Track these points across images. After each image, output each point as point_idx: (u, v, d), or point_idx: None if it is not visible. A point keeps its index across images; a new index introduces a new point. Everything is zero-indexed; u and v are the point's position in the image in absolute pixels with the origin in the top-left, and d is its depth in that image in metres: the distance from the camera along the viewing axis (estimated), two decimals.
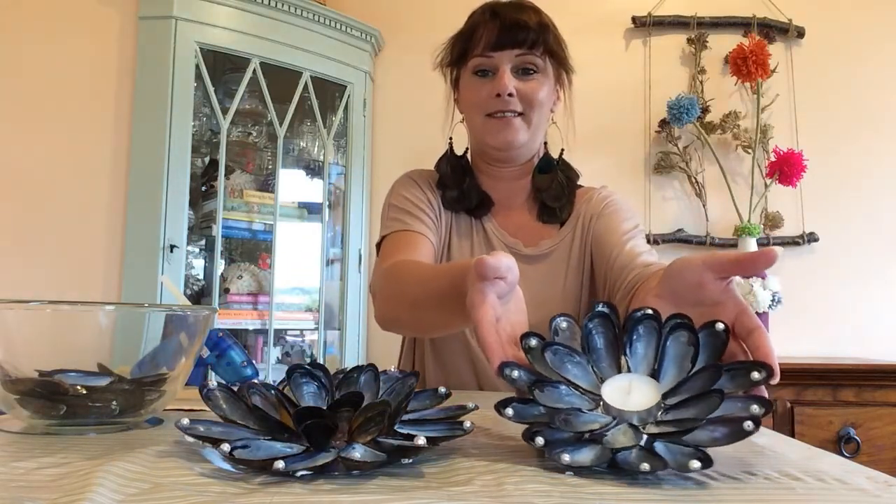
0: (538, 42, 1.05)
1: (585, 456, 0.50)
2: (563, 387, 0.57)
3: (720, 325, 0.57)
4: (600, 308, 0.60)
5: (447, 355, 1.11)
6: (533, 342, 0.59)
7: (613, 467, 0.50)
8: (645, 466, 0.47)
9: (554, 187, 1.12)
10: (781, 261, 2.36)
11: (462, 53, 1.09)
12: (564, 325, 0.62)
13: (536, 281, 1.09)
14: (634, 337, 0.59)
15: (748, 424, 0.48)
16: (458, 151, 1.17)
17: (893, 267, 2.37)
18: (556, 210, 1.12)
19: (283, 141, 2.18)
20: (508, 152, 1.10)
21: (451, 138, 1.16)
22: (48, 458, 0.52)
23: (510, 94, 1.04)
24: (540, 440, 0.51)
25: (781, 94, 2.43)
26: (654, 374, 0.57)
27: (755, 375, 0.52)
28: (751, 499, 0.45)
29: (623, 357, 0.58)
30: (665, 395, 0.54)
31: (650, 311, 0.59)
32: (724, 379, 0.54)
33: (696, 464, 0.46)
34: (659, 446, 0.49)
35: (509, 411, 0.55)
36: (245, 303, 2.15)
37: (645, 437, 0.51)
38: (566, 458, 0.50)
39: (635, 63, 2.48)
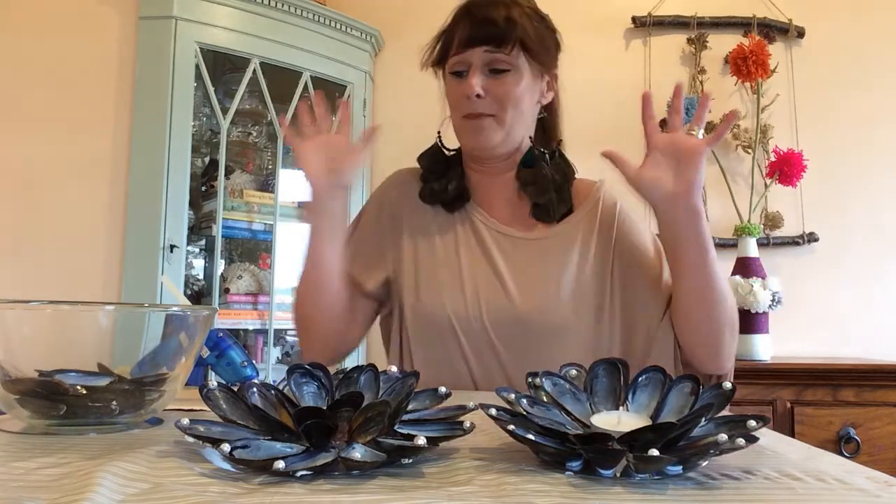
0: (507, 38, 1.03)
1: (548, 441, 0.51)
2: (554, 409, 0.58)
3: (727, 385, 0.57)
4: (612, 358, 0.63)
5: (434, 362, 1.08)
6: (538, 380, 0.62)
7: (586, 471, 0.50)
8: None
9: (539, 182, 1.11)
10: (781, 260, 2.36)
11: (442, 53, 1.10)
12: (574, 373, 0.64)
13: (532, 263, 1.08)
14: (639, 387, 0.60)
15: (713, 450, 0.49)
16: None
17: (893, 267, 2.37)
18: (548, 207, 1.10)
19: (283, 141, 2.18)
20: (483, 153, 1.11)
21: (439, 133, 1.16)
22: (48, 458, 0.52)
23: (479, 96, 1.03)
24: (511, 427, 0.52)
25: (781, 94, 2.43)
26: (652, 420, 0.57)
27: (751, 424, 0.52)
28: (751, 499, 0.45)
29: (624, 405, 0.60)
30: None
31: (660, 367, 0.61)
32: (722, 429, 0.53)
33: (654, 451, 0.47)
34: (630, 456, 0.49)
35: (493, 410, 0.56)
36: (245, 303, 2.15)
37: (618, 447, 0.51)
38: (521, 432, 0.51)
39: (635, 63, 2.47)
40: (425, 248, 1.11)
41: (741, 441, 0.48)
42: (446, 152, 1.17)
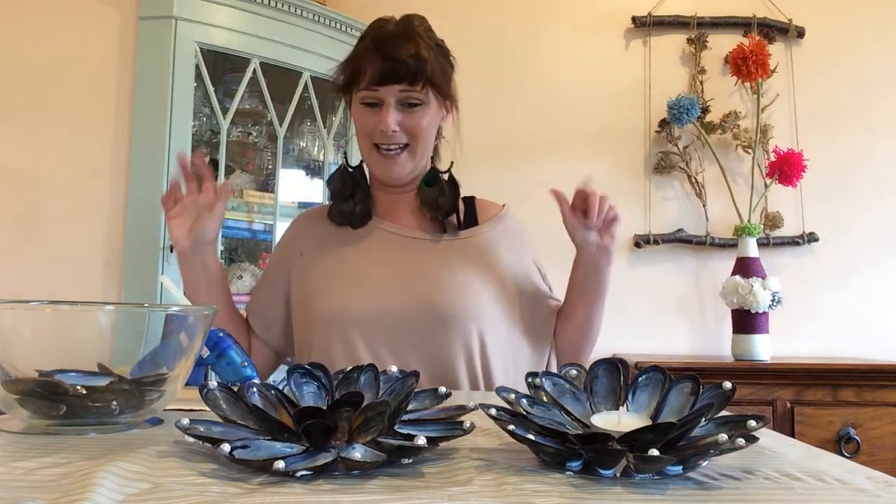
0: (418, 77, 1.11)
1: (548, 441, 0.51)
2: (554, 409, 0.58)
3: (727, 385, 0.57)
4: (612, 358, 0.63)
5: (344, 357, 1.12)
6: (538, 380, 0.62)
7: (586, 471, 0.50)
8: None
9: (439, 201, 1.19)
10: (781, 260, 2.36)
11: (350, 82, 1.15)
12: (574, 373, 0.65)
13: (440, 262, 1.16)
14: (639, 388, 0.60)
15: (713, 450, 0.48)
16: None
17: (893, 267, 2.37)
18: (445, 218, 1.20)
19: (283, 141, 2.18)
20: (394, 183, 1.20)
21: (345, 153, 1.23)
22: (48, 458, 0.52)
23: (394, 131, 1.12)
24: (511, 427, 0.52)
25: (781, 94, 2.43)
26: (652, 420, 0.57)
27: (751, 424, 0.53)
28: (751, 499, 0.45)
29: (624, 405, 0.60)
30: None
31: (660, 368, 0.61)
32: (722, 429, 0.53)
33: (654, 451, 0.47)
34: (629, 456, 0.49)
35: (493, 410, 0.56)
36: (245, 303, 2.14)
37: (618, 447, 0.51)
38: (521, 432, 0.51)
39: (635, 63, 2.47)
40: (333, 264, 1.18)
41: (741, 441, 0.48)
42: (350, 170, 1.23)
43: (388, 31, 1.14)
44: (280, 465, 0.46)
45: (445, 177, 1.22)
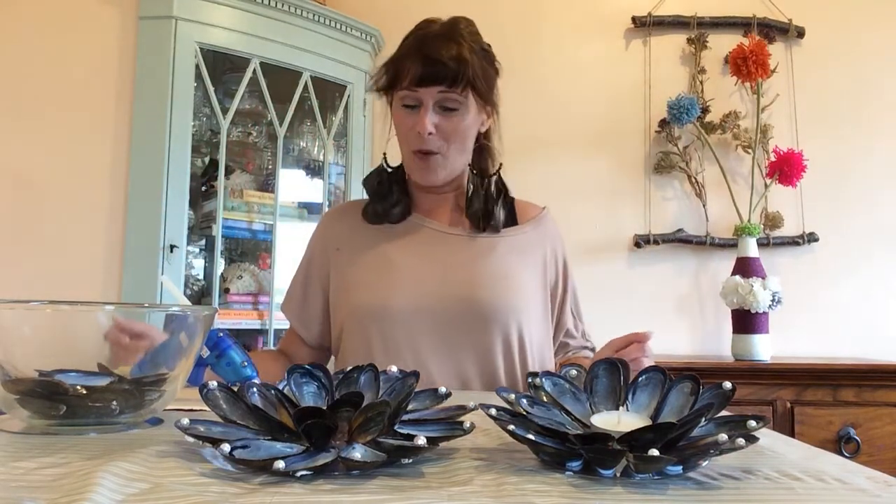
0: (458, 79, 1.09)
1: (548, 441, 0.51)
2: (554, 409, 0.58)
3: (727, 385, 0.57)
4: (612, 358, 0.63)
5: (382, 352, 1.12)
6: (538, 380, 0.62)
7: (586, 471, 0.50)
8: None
9: (476, 208, 1.19)
10: (781, 260, 2.36)
11: (391, 82, 1.15)
12: (574, 373, 0.65)
13: (479, 256, 1.16)
14: (639, 388, 0.60)
15: (713, 450, 0.48)
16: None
17: (893, 267, 2.37)
18: (490, 221, 1.19)
19: (283, 141, 2.18)
20: (428, 186, 1.19)
21: (385, 154, 1.24)
22: (48, 458, 0.52)
23: (430, 133, 1.10)
24: (511, 427, 0.52)
25: (781, 94, 2.43)
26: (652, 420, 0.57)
27: (751, 424, 0.53)
28: (751, 499, 0.45)
29: (624, 405, 0.60)
30: None
31: (660, 368, 0.61)
32: (722, 429, 0.53)
33: (654, 451, 0.46)
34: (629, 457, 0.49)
35: (493, 410, 0.56)
36: (245, 303, 2.14)
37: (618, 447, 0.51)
38: (521, 432, 0.50)
39: (635, 63, 2.47)
40: (372, 258, 1.18)
41: (741, 441, 0.48)
42: (389, 170, 1.24)
43: (431, 32, 1.13)
44: (280, 465, 0.46)
45: (492, 180, 1.22)
